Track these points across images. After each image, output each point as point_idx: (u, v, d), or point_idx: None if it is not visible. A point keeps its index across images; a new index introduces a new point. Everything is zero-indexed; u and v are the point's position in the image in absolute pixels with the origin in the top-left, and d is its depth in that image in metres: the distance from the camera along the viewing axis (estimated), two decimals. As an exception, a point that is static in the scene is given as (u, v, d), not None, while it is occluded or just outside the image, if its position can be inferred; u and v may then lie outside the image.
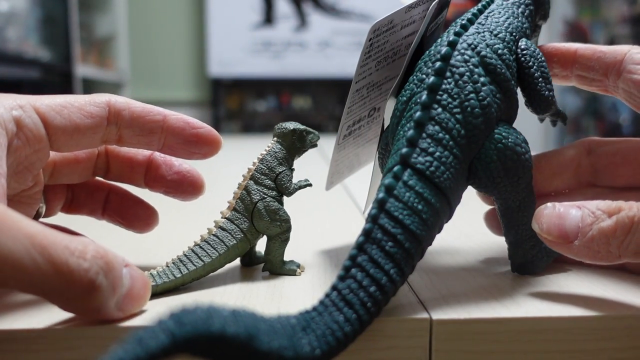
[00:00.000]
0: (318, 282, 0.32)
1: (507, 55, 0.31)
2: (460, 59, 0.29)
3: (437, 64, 0.29)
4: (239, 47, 3.59)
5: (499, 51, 0.30)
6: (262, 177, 0.34)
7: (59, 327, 0.26)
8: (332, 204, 0.59)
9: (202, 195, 0.36)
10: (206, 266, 0.32)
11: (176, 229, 0.47)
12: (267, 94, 3.72)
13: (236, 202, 0.33)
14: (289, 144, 0.35)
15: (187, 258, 0.32)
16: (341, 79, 3.53)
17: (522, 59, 0.32)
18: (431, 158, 0.27)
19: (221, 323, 0.20)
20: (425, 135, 0.28)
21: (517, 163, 0.29)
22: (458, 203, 0.29)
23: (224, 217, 0.33)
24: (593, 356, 0.27)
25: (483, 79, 0.29)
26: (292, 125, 0.35)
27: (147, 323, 0.19)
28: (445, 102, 0.28)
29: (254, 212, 0.33)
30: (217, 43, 3.55)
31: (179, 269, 0.31)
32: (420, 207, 0.26)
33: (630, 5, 2.90)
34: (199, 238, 0.32)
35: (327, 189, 0.41)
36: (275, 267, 0.34)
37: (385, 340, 0.26)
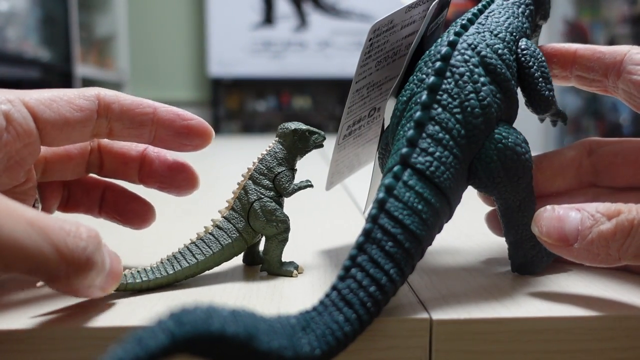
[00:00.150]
0: (318, 282, 0.32)
1: (507, 55, 0.31)
2: (460, 59, 0.29)
3: (437, 64, 0.29)
4: (239, 47, 3.59)
5: (499, 51, 0.30)
6: (261, 177, 0.34)
7: (59, 327, 0.26)
8: (332, 204, 0.59)
9: (196, 190, 0.36)
10: (200, 264, 0.32)
11: (175, 228, 0.47)
12: (267, 94, 3.72)
13: (234, 201, 0.33)
14: (290, 144, 0.35)
15: (182, 255, 0.32)
16: (341, 79, 3.53)
17: (523, 58, 0.32)
18: (431, 158, 0.27)
19: (221, 323, 0.20)
20: (425, 135, 0.28)
21: (517, 163, 0.29)
22: (458, 203, 0.29)
23: (221, 216, 0.33)
24: (593, 356, 0.27)
25: (483, 79, 0.29)
26: (293, 125, 0.35)
27: (146, 323, 0.19)
28: (445, 102, 0.28)
29: (250, 212, 0.33)
30: (217, 43, 3.55)
31: (173, 265, 0.31)
32: (420, 207, 0.26)
33: (630, 5, 2.90)
34: (195, 236, 0.32)
35: (327, 189, 0.41)
36: (273, 268, 0.34)
37: (385, 340, 0.26)
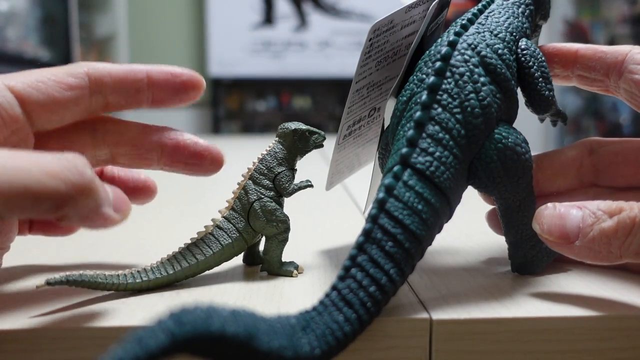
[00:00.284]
0: (318, 282, 0.32)
1: (507, 55, 0.31)
2: (460, 58, 0.29)
3: (437, 63, 0.29)
4: (239, 47, 3.59)
5: (499, 51, 0.30)
6: (261, 177, 0.34)
7: (60, 327, 0.26)
8: (332, 204, 0.59)
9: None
10: (200, 264, 0.32)
11: (175, 228, 0.47)
12: (267, 94, 3.72)
13: (234, 201, 0.33)
14: (290, 144, 0.35)
15: (182, 255, 0.32)
16: (341, 79, 3.53)
17: (522, 58, 0.32)
18: (431, 158, 0.27)
19: (221, 323, 0.20)
20: (425, 135, 0.28)
21: (517, 163, 0.29)
22: (458, 203, 0.29)
23: (221, 216, 0.33)
24: (593, 356, 0.27)
25: (483, 79, 0.29)
26: (293, 125, 0.35)
27: (146, 323, 0.19)
28: (445, 102, 0.28)
29: (250, 212, 0.33)
30: (217, 43, 3.55)
31: (173, 265, 0.31)
32: (420, 207, 0.26)
33: (630, 5, 2.90)
34: (195, 236, 0.32)
35: (327, 189, 0.41)
36: (273, 268, 0.34)
37: (385, 340, 0.26)
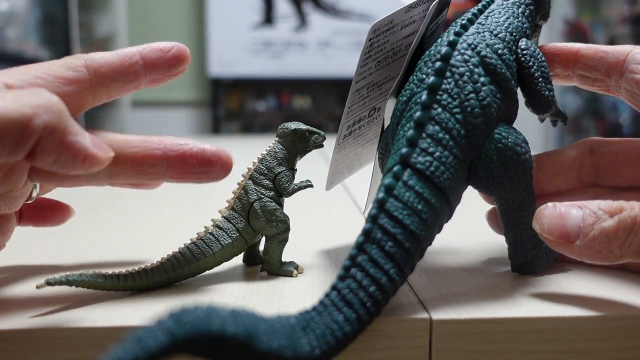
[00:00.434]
0: (318, 282, 0.32)
1: (507, 55, 0.31)
2: (460, 59, 0.29)
3: (437, 63, 0.29)
4: (239, 47, 3.59)
5: (499, 51, 0.30)
6: (261, 177, 0.34)
7: (59, 327, 0.26)
8: (332, 204, 0.59)
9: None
10: (200, 264, 0.32)
11: (175, 228, 0.47)
12: (267, 94, 3.72)
13: (234, 201, 0.33)
14: (290, 144, 0.35)
15: (182, 255, 0.32)
16: (341, 79, 3.53)
17: (522, 59, 0.32)
18: (431, 158, 0.27)
19: (220, 323, 0.20)
20: (425, 135, 0.28)
21: (517, 163, 0.29)
22: (458, 203, 0.29)
23: (221, 216, 0.33)
24: (593, 356, 0.27)
25: (483, 79, 0.29)
26: (293, 125, 0.35)
27: (146, 323, 0.19)
28: (445, 102, 0.28)
29: (250, 212, 0.33)
30: (217, 43, 3.55)
31: (173, 265, 0.31)
32: (420, 207, 0.26)
33: (630, 5, 2.90)
34: (195, 236, 0.32)
35: (327, 189, 0.41)
36: (273, 268, 0.34)
37: (385, 340, 0.26)
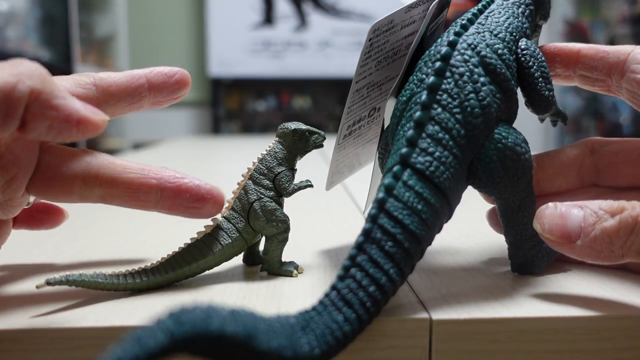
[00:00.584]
0: (318, 282, 0.32)
1: (507, 55, 0.31)
2: (460, 59, 0.29)
3: (437, 63, 0.29)
4: (239, 47, 3.59)
5: (499, 51, 0.30)
6: (261, 177, 0.34)
7: (59, 327, 0.26)
8: (332, 204, 0.59)
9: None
10: (200, 264, 0.32)
11: (175, 228, 0.47)
12: (267, 94, 3.72)
13: (234, 201, 0.33)
14: (290, 144, 0.35)
15: (182, 255, 0.32)
16: (341, 79, 3.53)
17: (522, 59, 0.32)
18: (431, 158, 0.27)
19: (220, 322, 0.20)
20: (425, 135, 0.28)
21: (517, 163, 0.29)
22: (458, 203, 0.29)
23: (221, 216, 0.33)
24: (593, 356, 0.27)
25: (483, 79, 0.29)
26: (293, 125, 0.35)
27: (146, 322, 0.19)
28: (445, 102, 0.28)
29: (250, 212, 0.33)
30: (217, 43, 3.55)
31: (173, 265, 0.31)
32: (420, 207, 0.26)
33: (630, 5, 2.90)
34: (196, 236, 0.32)
35: (327, 189, 0.41)
36: (273, 268, 0.34)
37: (385, 340, 0.26)
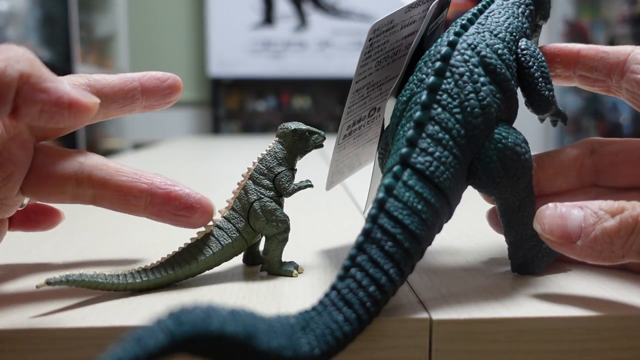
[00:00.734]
0: (318, 282, 0.32)
1: (507, 55, 0.31)
2: (460, 59, 0.29)
3: (437, 63, 0.29)
4: (239, 47, 3.59)
5: (499, 51, 0.30)
6: (261, 177, 0.34)
7: (59, 327, 0.26)
8: (332, 204, 0.59)
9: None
10: (200, 264, 0.32)
11: (176, 228, 0.47)
12: (267, 94, 3.72)
13: (234, 201, 0.33)
14: (290, 144, 0.35)
15: (182, 255, 0.32)
16: (341, 79, 3.53)
17: (522, 59, 0.32)
18: (431, 158, 0.27)
19: (220, 322, 0.20)
20: (425, 135, 0.28)
21: (517, 163, 0.29)
22: (458, 203, 0.29)
23: (221, 216, 0.33)
24: (593, 356, 0.27)
25: (483, 79, 0.29)
26: (293, 125, 0.35)
27: (146, 322, 0.19)
28: (445, 102, 0.28)
29: (250, 212, 0.33)
30: (217, 43, 3.55)
31: (173, 265, 0.31)
32: (420, 207, 0.26)
33: (630, 5, 2.90)
34: (196, 236, 0.32)
35: (327, 189, 0.41)
36: (273, 268, 0.34)
37: (385, 340, 0.26)
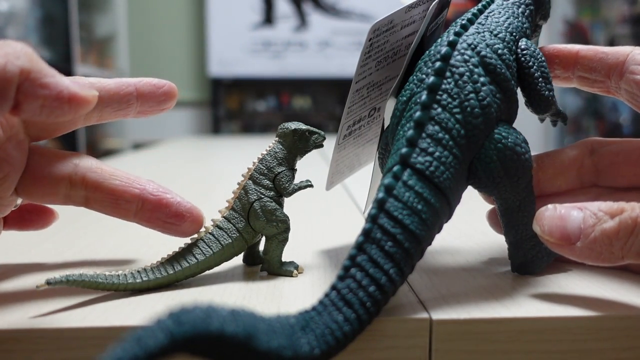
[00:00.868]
0: (318, 282, 0.32)
1: (507, 55, 0.31)
2: (460, 59, 0.29)
3: (437, 63, 0.29)
4: (239, 47, 3.59)
5: (499, 51, 0.30)
6: (261, 177, 0.34)
7: (59, 327, 0.26)
8: (332, 204, 0.59)
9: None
10: (200, 264, 0.32)
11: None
12: (267, 94, 3.72)
13: (234, 201, 0.33)
14: (290, 144, 0.35)
15: (182, 255, 0.32)
16: (341, 79, 3.53)
17: (522, 59, 0.32)
18: (431, 158, 0.27)
19: (220, 322, 0.20)
20: (425, 135, 0.28)
21: (517, 163, 0.29)
22: (458, 203, 0.29)
23: (221, 216, 0.33)
24: (593, 356, 0.27)
25: (483, 79, 0.29)
26: (293, 125, 0.35)
27: (146, 322, 0.19)
28: (445, 102, 0.28)
29: (250, 212, 0.33)
30: (217, 43, 3.55)
31: (173, 265, 0.31)
32: (420, 207, 0.26)
33: (630, 5, 2.90)
34: (195, 236, 0.32)
35: (327, 189, 0.41)
36: (273, 268, 0.34)
37: (385, 340, 0.26)
